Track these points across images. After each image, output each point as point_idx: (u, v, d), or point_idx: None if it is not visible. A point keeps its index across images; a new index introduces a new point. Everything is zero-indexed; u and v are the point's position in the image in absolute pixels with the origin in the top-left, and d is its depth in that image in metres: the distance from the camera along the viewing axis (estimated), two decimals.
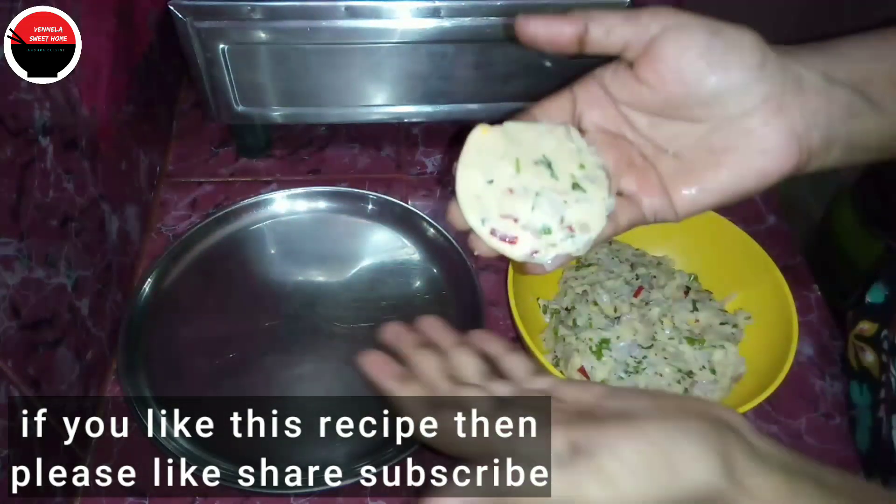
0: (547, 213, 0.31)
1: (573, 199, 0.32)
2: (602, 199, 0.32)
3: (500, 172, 0.32)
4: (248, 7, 0.55)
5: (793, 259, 0.63)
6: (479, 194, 0.31)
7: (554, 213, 0.31)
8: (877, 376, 0.52)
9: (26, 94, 0.43)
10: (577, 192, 0.32)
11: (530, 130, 0.33)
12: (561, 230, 0.31)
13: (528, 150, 0.32)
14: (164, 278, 0.59)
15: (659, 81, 0.31)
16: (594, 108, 0.34)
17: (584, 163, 0.32)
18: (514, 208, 0.31)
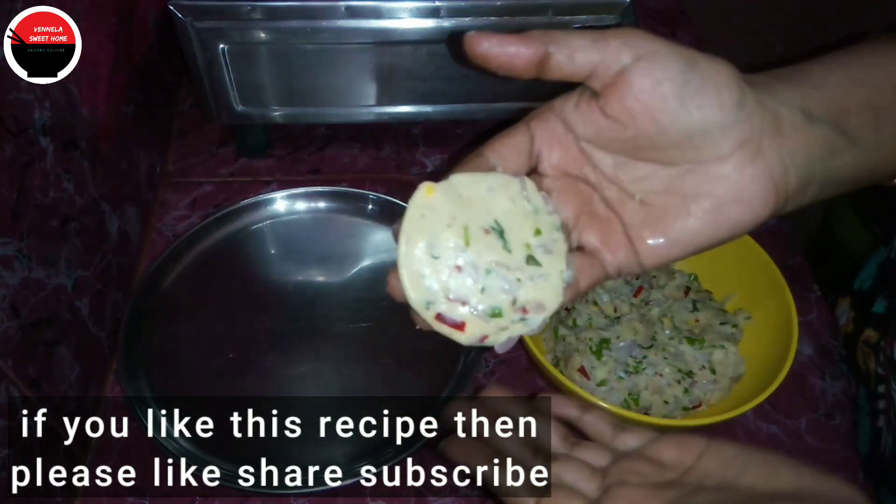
0: (498, 295, 0.29)
1: (527, 275, 0.29)
2: (559, 273, 0.29)
3: (446, 245, 0.29)
4: (248, 7, 0.55)
5: (793, 259, 0.63)
6: (423, 273, 0.29)
7: (506, 295, 0.29)
8: (873, 385, 0.52)
9: (26, 94, 0.43)
10: (532, 268, 0.29)
11: (480, 185, 0.29)
12: (513, 312, 0.29)
13: (478, 214, 0.29)
14: (164, 278, 0.59)
15: (628, 117, 0.28)
16: (553, 148, 0.31)
17: (539, 226, 0.29)
18: (461, 291, 0.28)
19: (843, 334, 0.59)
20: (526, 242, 0.29)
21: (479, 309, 0.28)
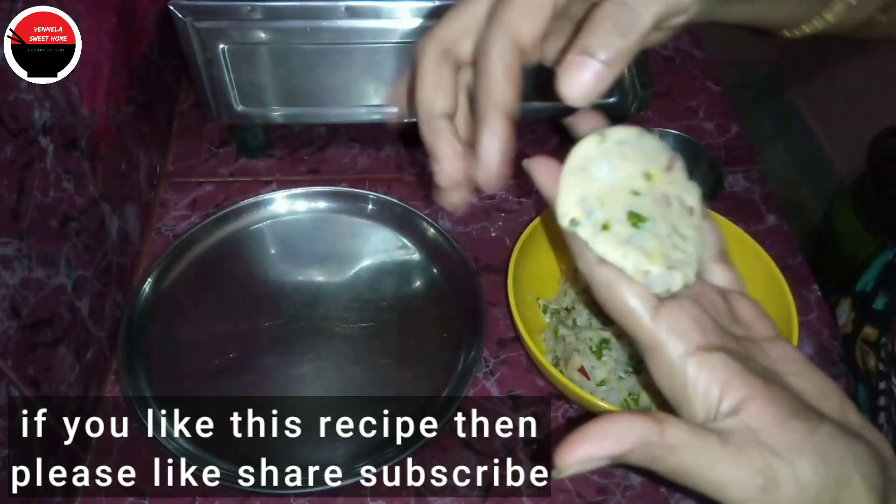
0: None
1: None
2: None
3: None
4: (248, 7, 0.55)
5: (793, 259, 0.63)
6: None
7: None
8: (874, 383, 0.52)
9: (26, 94, 0.43)
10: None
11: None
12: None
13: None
14: (164, 278, 0.59)
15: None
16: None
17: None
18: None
19: (842, 335, 0.59)
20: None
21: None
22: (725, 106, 0.76)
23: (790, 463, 0.24)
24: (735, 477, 0.24)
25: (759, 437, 0.24)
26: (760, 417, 0.24)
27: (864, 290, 0.59)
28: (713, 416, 0.25)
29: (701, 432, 0.24)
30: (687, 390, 0.25)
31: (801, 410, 0.25)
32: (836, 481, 0.24)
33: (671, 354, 0.26)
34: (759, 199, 0.68)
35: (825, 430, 0.25)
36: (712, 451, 0.24)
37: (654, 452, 0.24)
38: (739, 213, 0.65)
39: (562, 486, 0.49)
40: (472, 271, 0.59)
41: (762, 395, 0.25)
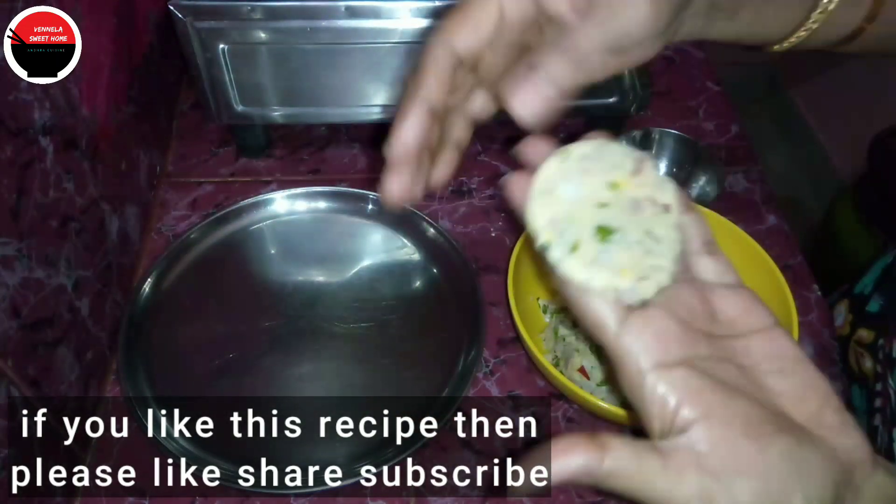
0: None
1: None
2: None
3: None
4: (248, 7, 0.55)
5: (793, 259, 0.63)
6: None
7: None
8: (870, 384, 0.52)
9: (26, 94, 0.43)
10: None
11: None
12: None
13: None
14: (164, 278, 0.59)
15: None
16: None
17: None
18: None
19: (838, 336, 0.59)
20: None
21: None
22: (725, 106, 0.76)
23: (728, 486, 0.24)
24: (672, 499, 0.25)
25: (702, 459, 0.25)
26: (709, 438, 0.25)
27: (862, 293, 0.59)
28: (668, 432, 0.26)
29: (642, 455, 0.25)
30: (645, 404, 0.26)
31: (756, 426, 0.25)
32: (774, 502, 0.25)
33: (633, 369, 0.27)
34: (759, 199, 0.68)
35: (776, 449, 0.25)
36: (652, 474, 0.25)
37: (595, 478, 0.26)
38: (739, 213, 0.65)
39: (562, 486, 0.49)
40: (472, 271, 0.59)
41: (716, 413, 0.25)
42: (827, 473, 0.25)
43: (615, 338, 0.27)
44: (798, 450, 0.25)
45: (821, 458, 0.26)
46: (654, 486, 0.25)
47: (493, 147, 0.71)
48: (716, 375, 0.26)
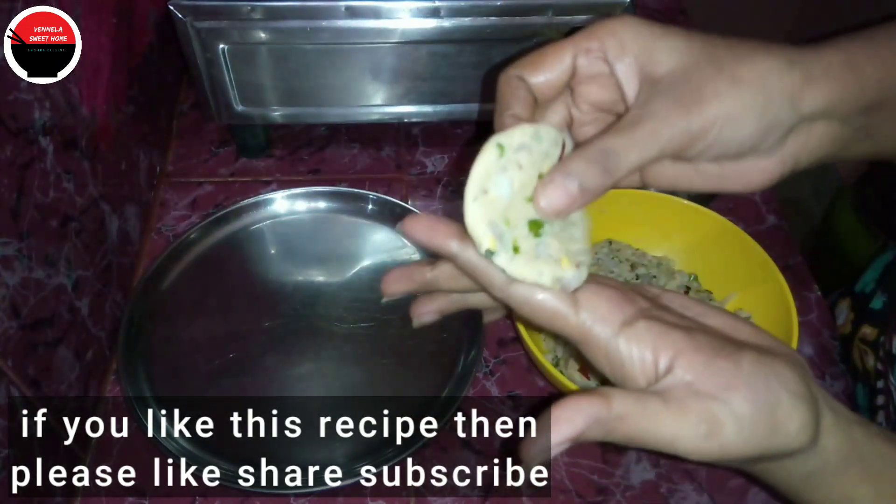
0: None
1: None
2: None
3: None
4: (248, 7, 0.55)
5: (793, 259, 0.63)
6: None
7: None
8: (872, 382, 0.52)
9: (26, 94, 0.43)
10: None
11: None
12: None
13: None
14: (164, 278, 0.59)
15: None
16: (592, 84, 0.33)
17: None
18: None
19: (840, 335, 0.59)
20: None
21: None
22: None
23: (726, 402, 0.26)
24: (681, 430, 0.26)
25: (695, 386, 0.26)
26: (691, 368, 0.27)
27: (863, 291, 0.59)
28: (654, 380, 0.27)
29: (644, 398, 0.27)
30: (625, 366, 0.28)
31: (722, 348, 0.28)
32: (769, 405, 0.27)
33: (601, 340, 0.28)
34: (759, 199, 0.68)
35: (747, 360, 0.27)
36: (657, 413, 0.26)
37: (606, 427, 0.26)
38: (739, 213, 0.65)
39: (562, 486, 0.49)
40: None
41: (687, 346, 0.27)
42: (795, 372, 0.28)
43: (576, 321, 0.28)
44: (763, 358, 0.28)
45: (783, 361, 0.28)
46: (662, 423, 0.26)
47: None
48: (665, 321, 0.29)
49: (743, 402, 0.26)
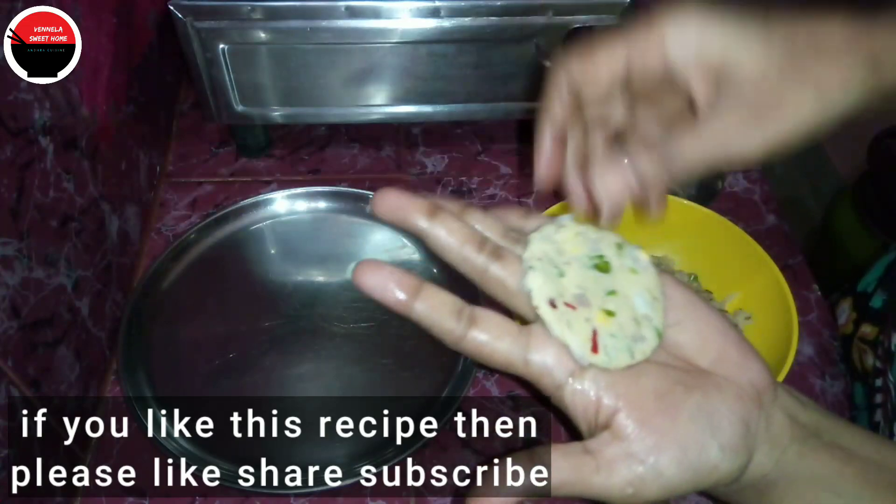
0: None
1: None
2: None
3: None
4: (248, 7, 0.55)
5: (793, 259, 0.63)
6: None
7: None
8: (871, 380, 0.52)
9: (26, 94, 0.43)
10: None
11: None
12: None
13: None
14: (164, 278, 0.59)
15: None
16: (651, 84, 0.31)
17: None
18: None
19: (841, 335, 0.59)
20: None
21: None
22: None
23: (654, 465, 0.27)
24: (609, 491, 0.28)
25: (628, 447, 0.28)
26: (627, 426, 0.28)
27: (865, 291, 0.59)
28: (595, 429, 0.29)
29: (578, 462, 0.28)
30: (570, 411, 0.29)
31: (667, 396, 0.28)
32: (695, 462, 0.28)
33: (550, 385, 0.29)
34: (759, 199, 0.68)
35: (686, 413, 0.28)
36: (588, 475, 0.28)
37: (540, 494, 0.28)
38: (739, 213, 0.65)
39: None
40: None
41: (629, 400, 0.28)
42: (735, 415, 0.28)
43: (525, 369, 0.29)
44: (706, 404, 0.28)
45: (729, 402, 0.29)
46: (592, 483, 0.28)
47: (493, 147, 0.71)
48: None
49: (670, 463, 0.27)
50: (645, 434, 0.28)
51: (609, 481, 0.27)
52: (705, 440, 0.28)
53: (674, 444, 0.28)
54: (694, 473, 0.28)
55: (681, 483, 0.28)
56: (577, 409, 0.29)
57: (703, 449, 0.28)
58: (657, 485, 0.27)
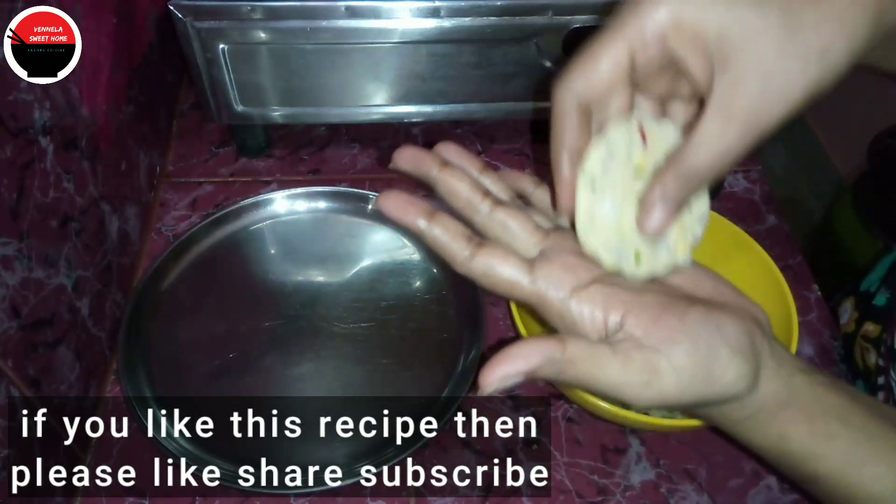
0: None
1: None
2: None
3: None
4: (248, 7, 0.55)
5: (793, 259, 0.63)
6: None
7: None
8: (873, 378, 0.52)
9: (26, 94, 0.43)
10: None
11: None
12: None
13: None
14: (164, 278, 0.59)
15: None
16: (656, 74, 0.31)
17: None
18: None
19: (843, 334, 0.59)
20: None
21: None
22: None
23: (667, 354, 0.28)
24: (625, 378, 0.28)
25: (641, 340, 0.29)
26: (638, 324, 0.29)
27: (868, 290, 0.59)
28: (605, 337, 0.30)
29: (595, 346, 0.29)
30: (577, 325, 0.30)
31: (671, 305, 0.30)
32: (706, 357, 0.29)
33: (555, 302, 0.30)
34: (759, 199, 0.68)
35: (693, 316, 0.30)
36: (604, 360, 0.29)
37: (558, 367, 0.29)
38: (739, 213, 0.65)
39: (562, 486, 0.49)
40: None
41: (635, 305, 0.30)
42: (739, 326, 0.30)
43: (531, 286, 0.30)
44: (710, 313, 0.30)
45: (730, 316, 0.30)
46: (608, 370, 0.29)
47: (493, 147, 0.71)
48: (619, 284, 0.31)
49: (682, 354, 0.28)
50: (657, 328, 0.29)
51: (625, 367, 0.28)
52: (714, 339, 0.29)
53: (685, 338, 0.29)
54: (705, 371, 0.29)
55: (692, 378, 0.28)
56: (584, 319, 0.30)
57: (713, 346, 0.29)
58: (671, 374, 0.28)
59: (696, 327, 0.29)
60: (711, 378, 0.29)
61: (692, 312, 0.30)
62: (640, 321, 0.29)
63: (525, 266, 0.31)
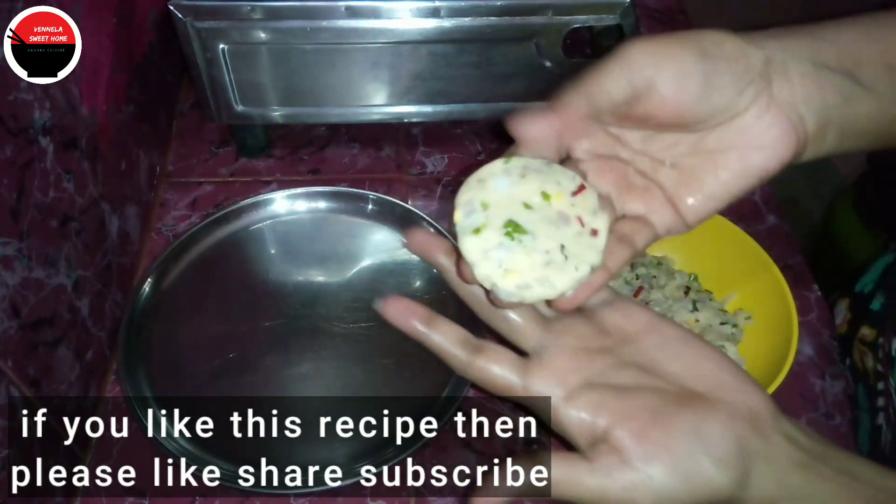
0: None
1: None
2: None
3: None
4: (248, 7, 0.55)
5: (793, 259, 0.63)
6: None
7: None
8: (872, 383, 0.52)
9: (26, 94, 0.43)
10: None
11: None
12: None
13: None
14: (164, 278, 0.59)
15: (654, 116, 0.31)
16: (582, 137, 0.33)
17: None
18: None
19: (839, 335, 0.59)
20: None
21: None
22: None
23: (647, 474, 0.29)
24: (604, 494, 0.29)
25: (624, 456, 0.29)
26: (623, 438, 0.29)
27: (862, 292, 0.59)
28: (592, 444, 0.30)
29: (575, 467, 0.30)
30: (566, 432, 0.31)
31: (660, 414, 0.30)
32: (687, 474, 0.29)
33: (546, 409, 0.31)
34: (759, 199, 0.68)
35: (680, 427, 0.29)
36: (584, 480, 0.29)
37: (540, 493, 0.30)
38: (739, 213, 0.65)
39: None
40: None
41: (623, 415, 0.30)
42: (729, 432, 0.29)
43: (524, 392, 0.31)
44: (700, 420, 0.29)
45: (722, 419, 0.30)
46: (588, 485, 0.29)
47: (493, 147, 0.71)
48: (616, 383, 0.31)
49: (662, 473, 0.29)
50: (641, 444, 0.29)
51: (604, 485, 0.29)
52: (696, 452, 0.29)
53: (665, 453, 0.29)
54: (687, 484, 0.29)
55: (672, 492, 0.29)
56: (573, 429, 0.31)
57: (694, 460, 0.29)
58: (649, 491, 0.29)
59: (679, 440, 0.29)
60: (693, 489, 0.29)
61: (680, 422, 0.29)
62: (626, 434, 0.29)
63: (519, 370, 0.32)
